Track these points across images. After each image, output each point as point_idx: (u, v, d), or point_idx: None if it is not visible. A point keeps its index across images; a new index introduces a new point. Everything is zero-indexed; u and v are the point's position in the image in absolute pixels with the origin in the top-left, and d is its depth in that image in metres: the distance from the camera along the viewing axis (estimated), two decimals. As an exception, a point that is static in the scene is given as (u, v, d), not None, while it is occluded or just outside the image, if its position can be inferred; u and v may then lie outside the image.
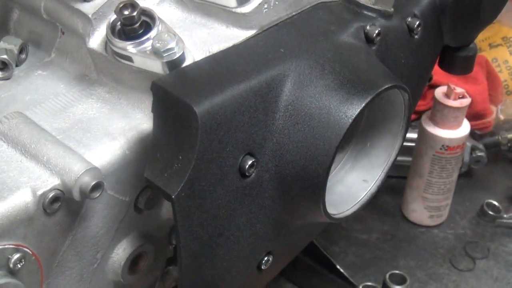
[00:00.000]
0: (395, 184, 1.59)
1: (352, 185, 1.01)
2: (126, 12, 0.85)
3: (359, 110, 0.86)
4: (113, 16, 0.87)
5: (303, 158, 0.87)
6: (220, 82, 0.82)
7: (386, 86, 0.90)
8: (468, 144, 1.61)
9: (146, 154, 0.84)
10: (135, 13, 0.85)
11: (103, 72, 0.92)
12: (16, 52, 0.96)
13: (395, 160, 1.01)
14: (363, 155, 1.03)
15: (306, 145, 0.86)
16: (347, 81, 0.88)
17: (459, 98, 1.43)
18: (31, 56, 0.99)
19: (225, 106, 0.80)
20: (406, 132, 1.00)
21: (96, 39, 0.90)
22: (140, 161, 0.86)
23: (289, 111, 0.87)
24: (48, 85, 0.93)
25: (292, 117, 0.87)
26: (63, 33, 0.97)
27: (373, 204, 0.98)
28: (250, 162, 0.84)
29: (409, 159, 1.53)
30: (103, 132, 0.86)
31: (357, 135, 1.03)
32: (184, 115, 0.78)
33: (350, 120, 0.86)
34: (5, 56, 0.93)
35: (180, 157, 0.79)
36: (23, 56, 0.97)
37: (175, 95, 0.78)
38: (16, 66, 0.96)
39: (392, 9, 1.02)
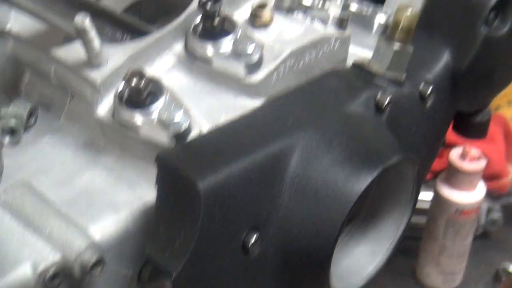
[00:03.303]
0: (409, 244, 1.56)
1: (360, 257, 0.99)
2: (133, 81, 0.84)
3: (366, 185, 0.85)
4: (121, 84, 0.87)
5: (309, 233, 0.85)
6: (225, 156, 0.81)
7: (394, 160, 0.89)
8: (484, 206, 1.59)
9: (150, 226, 0.83)
10: (142, 83, 0.84)
11: (111, 140, 0.91)
12: (25, 117, 0.96)
13: (404, 232, 0.99)
14: (371, 227, 1.01)
15: (312, 219, 0.85)
16: (354, 154, 0.87)
17: (475, 160, 1.42)
18: (41, 120, 0.99)
19: (230, 181, 0.79)
20: (415, 203, 0.98)
21: (104, 107, 0.90)
22: (144, 233, 0.85)
23: (295, 184, 0.85)
24: (56, 152, 0.93)
25: (298, 190, 0.85)
26: (73, 97, 0.96)
27: (386, 265, 0.96)
28: (254, 239, 0.83)
29: (424, 220, 1.51)
30: (108, 203, 0.86)
31: (366, 206, 1.02)
32: (187, 191, 0.77)
33: (357, 196, 0.85)
34: (13, 124, 0.93)
35: (182, 234, 0.78)
36: (32, 120, 0.97)
37: (178, 169, 0.78)
38: (25, 130, 0.96)
39: (404, 75, 1.01)
